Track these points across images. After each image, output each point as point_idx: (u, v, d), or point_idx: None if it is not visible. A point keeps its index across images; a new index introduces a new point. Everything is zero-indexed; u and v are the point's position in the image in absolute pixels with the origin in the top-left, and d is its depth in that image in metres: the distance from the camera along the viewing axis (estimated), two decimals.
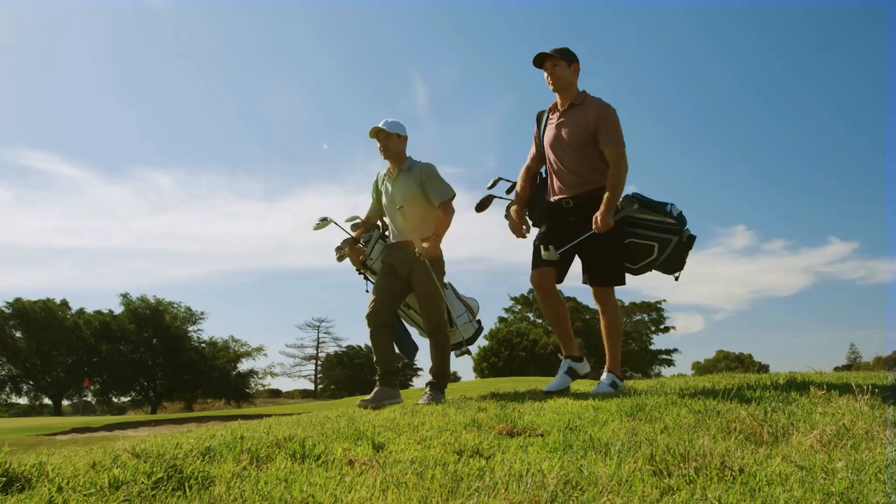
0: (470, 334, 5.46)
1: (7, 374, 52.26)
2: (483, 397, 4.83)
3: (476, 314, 5.62)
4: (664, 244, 4.61)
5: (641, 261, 4.70)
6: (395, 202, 5.20)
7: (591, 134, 4.58)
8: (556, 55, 4.65)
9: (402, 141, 5.25)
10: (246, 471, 2.35)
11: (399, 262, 5.20)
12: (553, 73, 4.66)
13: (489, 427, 3.09)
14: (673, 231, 4.61)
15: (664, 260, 4.68)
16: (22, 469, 2.43)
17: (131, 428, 16.00)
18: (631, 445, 2.43)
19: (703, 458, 2.14)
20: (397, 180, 5.25)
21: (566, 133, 4.68)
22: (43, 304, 52.68)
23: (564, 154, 4.70)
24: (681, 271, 4.81)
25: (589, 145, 4.60)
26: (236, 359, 58.96)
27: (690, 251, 4.74)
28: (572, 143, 4.65)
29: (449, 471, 2.23)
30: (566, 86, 4.69)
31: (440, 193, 5.18)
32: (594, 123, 4.55)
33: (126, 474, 2.28)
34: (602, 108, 4.60)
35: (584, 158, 4.63)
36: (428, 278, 5.04)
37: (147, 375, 55.82)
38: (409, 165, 5.25)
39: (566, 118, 4.71)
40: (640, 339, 57.49)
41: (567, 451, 2.49)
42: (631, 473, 2.08)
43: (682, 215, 4.62)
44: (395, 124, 5.21)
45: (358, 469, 2.34)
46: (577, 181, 4.65)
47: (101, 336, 53.51)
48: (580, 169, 4.64)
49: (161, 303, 57.05)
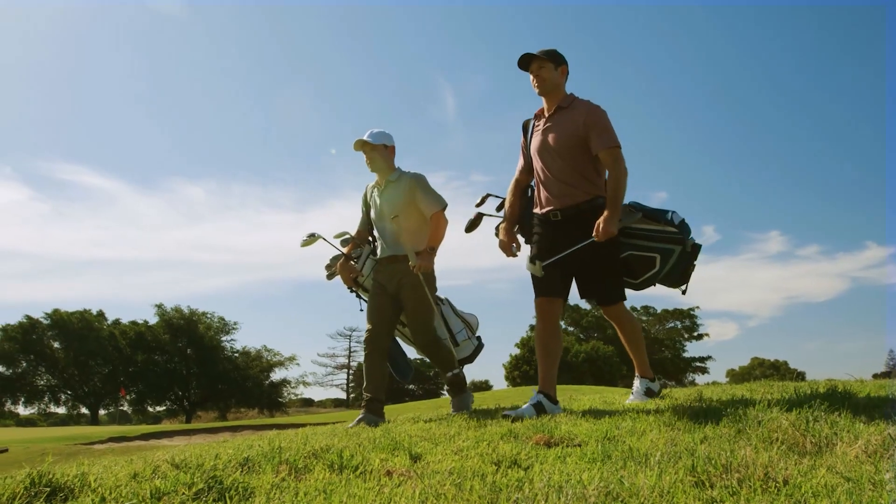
0: (469, 352, 5.28)
1: (46, 384, 53.27)
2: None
3: (475, 330, 5.44)
4: (666, 255, 4.35)
5: (642, 275, 4.43)
6: (385, 214, 5.00)
7: (580, 138, 4.26)
8: (542, 56, 4.36)
9: (388, 151, 5.04)
10: (285, 482, 2.36)
11: (388, 279, 4.97)
12: (539, 75, 4.37)
13: (526, 437, 3.08)
14: (675, 241, 4.34)
15: (667, 272, 4.41)
16: (65, 479, 2.46)
17: (166, 437, 16.18)
18: (671, 456, 2.41)
19: (746, 469, 2.11)
20: (386, 191, 5.04)
21: (553, 138, 4.35)
22: (80, 314, 53.64)
23: (552, 161, 4.36)
24: (687, 284, 4.52)
25: (578, 151, 4.28)
26: (269, 368, 59.44)
27: (696, 262, 4.44)
28: (560, 148, 4.32)
29: (487, 482, 2.22)
30: (552, 89, 4.38)
31: (432, 204, 4.95)
32: (584, 127, 4.23)
33: (167, 485, 2.30)
34: (591, 110, 4.28)
35: (574, 165, 4.29)
36: (418, 292, 4.84)
37: (181, 385, 56.50)
38: (397, 176, 5.03)
39: (553, 123, 4.40)
40: (674, 346, 56.94)
41: (606, 461, 2.46)
42: (672, 484, 2.05)
43: (684, 223, 4.36)
44: (380, 135, 5.00)
45: (396, 480, 2.34)
46: (565, 190, 4.31)
47: (136, 346, 54.32)
48: (569, 177, 4.30)
49: (195, 313, 57.73)
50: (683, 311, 57.79)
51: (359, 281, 5.19)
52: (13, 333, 50.96)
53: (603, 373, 46.18)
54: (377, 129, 5.02)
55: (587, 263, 4.25)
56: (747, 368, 67.22)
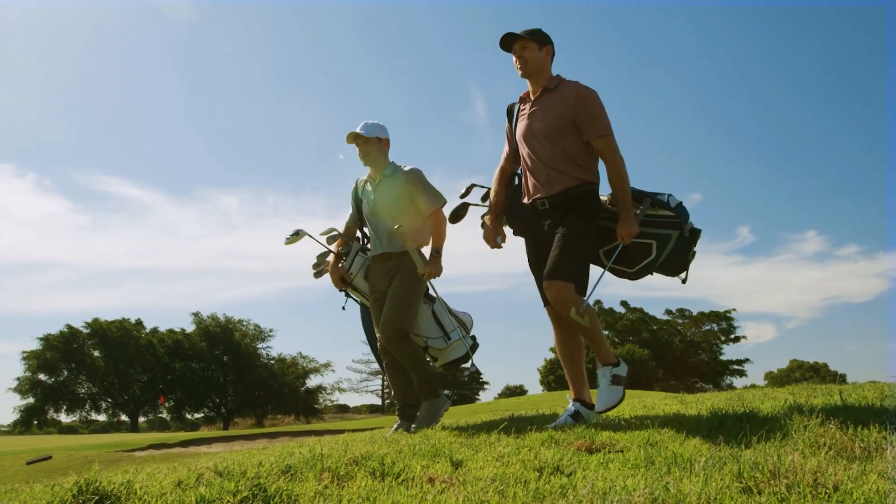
0: (463, 352, 5.01)
1: (87, 391, 54.14)
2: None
3: (470, 329, 5.20)
4: (663, 241, 4.06)
5: (639, 262, 4.14)
6: (379, 210, 4.82)
7: (569, 121, 4.01)
8: (525, 36, 4.12)
9: (383, 145, 4.84)
10: (328, 489, 2.37)
11: (380, 278, 4.82)
12: (522, 56, 4.12)
13: (567, 443, 3.05)
14: (672, 225, 4.05)
15: (665, 259, 4.11)
16: (111, 487, 2.50)
17: (205, 444, 16.32)
18: (716, 461, 2.37)
19: (794, 475, 2.07)
20: (379, 187, 4.84)
21: (540, 122, 4.10)
22: (119, 323, 54.47)
23: (539, 146, 4.11)
24: (686, 272, 4.24)
25: (567, 134, 4.03)
26: (305, 375, 59.78)
27: (695, 249, 4.16)
28: (547, 132, 4.07)
29: (530, 489, 2.21)
30: (536, 70, 4.14)
31: (431, 201, 4.76)
32: (574, 110, 3.99)
33: (212, 493, 2.33)
34: (583, 93, 4.03)
35: (563, 150, 4.04)
36: (407, 281, 4.66)
37: (219, 392, 57.12)
38: (392, 171, 4.84)
39: (539, 105, 4.15)
40: (710, 349, 56.11)
41: (649, 467, 2.44)
42: (719, 491, 2.02)
43: (681, 206, 4.10)
44: (374, 127, 4.80)
45: (438, 487, 2.33)
46: (553, 177, 4.05)
47: (174, 354, 55.06)
48: (557, 162, 4.05)
49: (231, 321, 58.35)
50: (720, 313, 56.97)
51: (347, 280, 4.98)
52: (55, 343, 51.89)
53: (639, 376, 45.66)
54: (371, 122, 4.84)
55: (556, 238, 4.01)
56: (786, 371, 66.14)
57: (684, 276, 4.24)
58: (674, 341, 54.81)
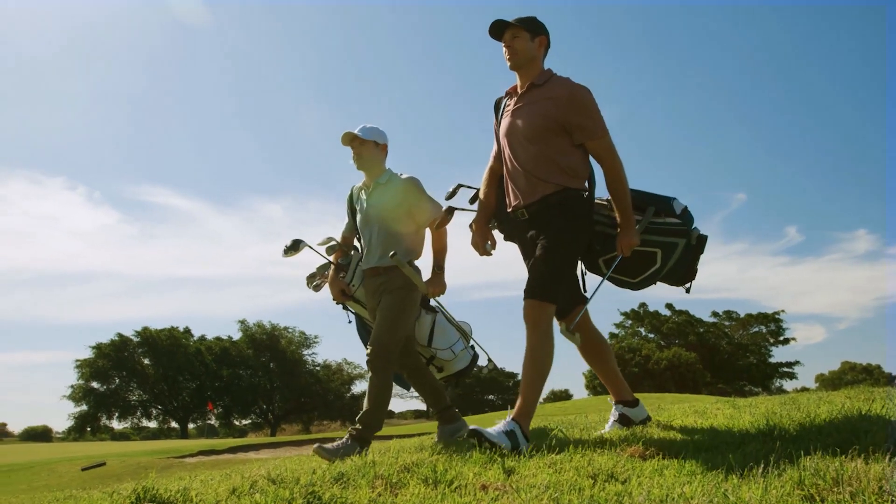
0: (466, 363, 4.83)
1: (138, 399, 55.19)
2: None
3: (469, 340, 4.96)
4: (669, 249, 3.78)
5: (643, 272, 3.88)
6: (371, 219, 4.53)
7: (556, 122, 3.65)
8: (517, 24, 3.76)
9: (380, 149, 4.53)
10: (381, 497, 2.37)
11: (371, 295, 4.55)
12: (511, 45, 3.77)
13: (620, 449, 3.02)
14: (679, 233, 3.77)
15: (670, 269, 3.84)
16: (168, 494, 2.55)
17: (253, 450, 16.51)
18: (775, 468, 2.32)
19: (858, 482, 2.02)
20: (373, 195, 4.54)
21: (524, 121, 3.75)
22: (168, 332, 55.47)
23: (520, 147, 3.76)
24: (692, 282, 3.98)
25: (552, 136, 3.67)
26: (350, 381, 60.16)
27: (702, 256, 3.91)
28: (530, 132, 3.71)
29: (585, 496, 2.18)
30: (526, 62, 3.78)
31: (429, 213, 4.46)
32: (565, 110, 3.64)
33: (266, 500, 2.35)
34: (575, 91, 3.67)
35: (547, 153, 3.67)
36: (395, 305, 4.36)
37: (266, 399, 57.76)
38: (387, 178, 4.52)
39: (524, 102, 3.80)
40: (759, 351, 55.04)
41: (706, 474, 2.40)
42: (780, 498, 1.98)
43: (687, 211, 3.83)
44: (371, 130, 4.49)
45: (492, 494, 2.32)
46: (534, 184, 3.69)
47: (221, 361, 55.78)
48: (538, 167, 3.68)
49: (276, 328, 58.95)
50: (768, 314, 55.87)
51: (348, 293, 4.70)
52: (106, 351, 52.98)
53: (686, 380, 45.02)
54: (370, 125, 4.54)
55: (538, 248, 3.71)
56: (837, 373, 64.72)
57: (688, 286, 4.00)
58: (721, 344, 53.89)
